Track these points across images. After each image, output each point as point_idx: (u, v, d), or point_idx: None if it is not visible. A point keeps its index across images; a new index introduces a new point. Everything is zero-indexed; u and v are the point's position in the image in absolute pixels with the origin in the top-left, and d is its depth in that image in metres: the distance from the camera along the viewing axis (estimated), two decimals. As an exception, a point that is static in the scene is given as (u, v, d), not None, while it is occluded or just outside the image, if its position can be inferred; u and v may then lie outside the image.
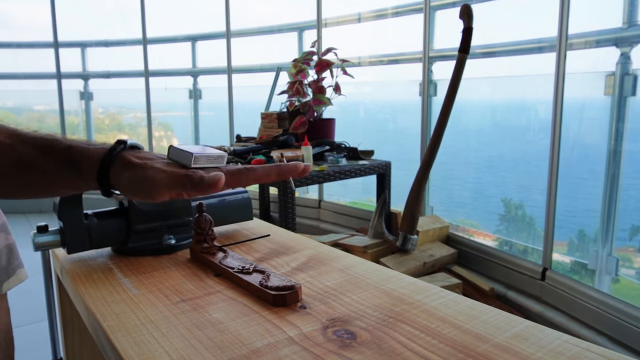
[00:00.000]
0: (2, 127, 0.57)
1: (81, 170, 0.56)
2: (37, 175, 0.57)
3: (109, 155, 0.55)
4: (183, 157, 0.55)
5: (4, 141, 0.56)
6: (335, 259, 0.80)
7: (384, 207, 2.49)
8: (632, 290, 2.03)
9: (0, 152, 0.56)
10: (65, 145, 0.57)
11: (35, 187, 0.59)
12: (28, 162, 0.56)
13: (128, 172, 0.54)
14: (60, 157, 0.56)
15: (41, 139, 0.57)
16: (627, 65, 1.96)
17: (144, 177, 0.53)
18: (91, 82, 4.69)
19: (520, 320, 0.59)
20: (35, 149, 0.56)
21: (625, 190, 2.00)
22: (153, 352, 0.54)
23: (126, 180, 0.55)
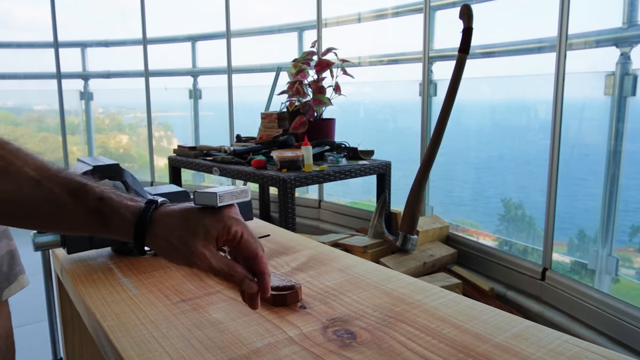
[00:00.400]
0: (29, 159, 0.56)
1: (110, 224, 0.57)
2: (62, 215, 0.57)
3: (143, 218, 0.56)
4: (208, 200, 0.57)
5: (28, 173, 0.55)
6: (335, 259, 0.80)
7: (384, 207, 2.49)
8: (632, 290, 2.03)
9: (26, 185, 0.55)
10: (97, 195, 0.57)
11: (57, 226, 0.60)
12: (54, 201, 0.56)
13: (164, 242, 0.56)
14: (90, 205, 0.56)
15: (72, 182, 0.57)
16: (627, 65, 1.96)
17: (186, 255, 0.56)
18: (91, 82, 4.69)
19: (520, 320, 0.59)
20: (64, 191, 0.56)
21: (625, 190, 2.00)
22: (153, 352, 0.54)
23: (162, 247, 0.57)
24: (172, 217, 0.57)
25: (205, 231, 0.56)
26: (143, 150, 4.71)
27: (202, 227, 0.56)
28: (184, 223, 0.57)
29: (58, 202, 0.56)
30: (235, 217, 0.58)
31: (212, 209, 0.57)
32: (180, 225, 0.56)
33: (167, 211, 0.58)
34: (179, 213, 0.58)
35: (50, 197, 0.55)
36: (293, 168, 2.25)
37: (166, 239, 0.56)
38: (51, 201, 0.55)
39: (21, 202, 0.55)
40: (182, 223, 0.57)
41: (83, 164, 0.80)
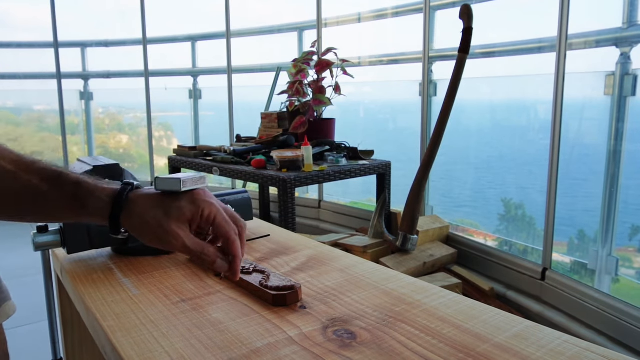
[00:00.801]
0: (5, 153, 0.57)
1: (87, 207, 0.59)
2: (42, 203, 0.59)
3: (119, 198, 0.59)
4: (172, 185, 0.60)
5: (6, 167, 0.57)
6: (335, 259, 0.80)
7: (384, 207, 2.49)
8: (632, 290, 2.03)
9: (2, 178, 0.56)
10: (73, 180, 0.59)
11: (38, 215, 0.61)
12: (32, 191, 0.58)
13: (138, 220, 0.59)
14: (67, 191, 0.58)
15: (49, 171, 0.59)
16: (627, 65, 1.96)
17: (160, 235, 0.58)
18: (91, 82, 4.69)
19: (520, 320, 0.59)
20: (42, 180, 0.58)
21: (625, 190, 2.00)
22: (153, 352, 0.54)
23: (137, 227, 0.59)
24: (148, 198, 0.60)
25: (179, 212, 0.58)
26: (143, 150, 4.71)
27: (176, 208, 0.58)
28: (158, 204, 0.59)
29: (37, 191, 0.57)
30: (209, 201, 0.60)
31: (182, 192, 0.60)
32: (155, 205, 0.59)
33: (143, 193, 0.61)
34: (154, 195, 0.60)
35: (28, 188, 0.57)
36: (293, 168, 2.25)
37: (141, 218, 0.58)
38: (30, 191, 0.57)
39: (1, 195, 0.57)
40: (157, 204, 0.59)
41: (83, 164, 0.80)
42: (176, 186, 0.59)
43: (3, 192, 0.57)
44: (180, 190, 0.59)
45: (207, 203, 0.60)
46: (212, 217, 0.60)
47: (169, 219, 0.58)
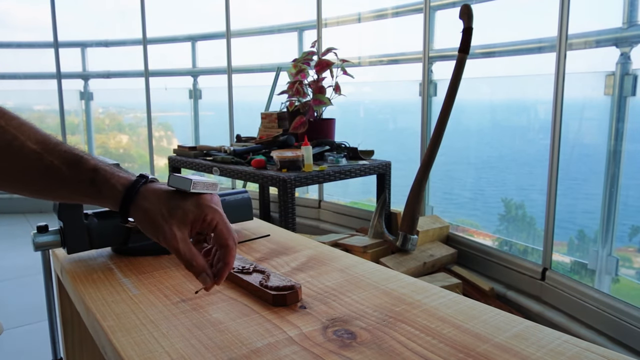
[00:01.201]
0: (31, 132, 0.60)
1: (102, 193, 0.62)
2: (61, 185, 0.62)
3: (132, 190, 0.62)
4: (182, 184, 0.61)
5: (32, 147, 0.59)
6: (335, 259, 0.80)
7: (384, 207, 2.49)
8: (632, 290, 2.03)
9: (28, 158, 0.59)
10: (92, 166, 0.62)
11: (56, 195, 0.65)
12: (54, 172, 0.61)
13: (142, 212, 0.61)
14: (85, 176, 0.61)
15: (70, 154, 0.62)
16: (627, 65, 1.96)
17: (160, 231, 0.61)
18: (91, 82, 4.69)
19: (520, 320, 0.59)
20: (63, 163, 0.61)
21: (625, 190, 2.00)
22: (153, 352, 0.54)
23: (142, 219, 0.62)
24: (157, 194, 0.62)
25: (183, 213, 0.61)
26: (143, 150, 4.71)
27: (181, 209, 0.61)
28: (165, 201, 0.61)
29: (58, 173, 0.60)
30: (213, 207, 0.62)
31: (191, 194, 0.62)
32: (162, 202, 0.61)
33: (154, 188, 0.63)
34: (164, 192, 0.62)
35: (50, 169, 0.60)
36: (293, 168, 2.25)
37: (147, 212, 0.61)
38: (52, 173, 0.60)
39: (24, 174, 0.61)
40: (164, 201, 0.61)
41: (83, 164, 0.80)
42: (186, 186, 0.61)
43: (27, 172, 0.60)
44: (189, 190, 0.61)
45: (211, 209, 0.62)
46: (214, 223, 0.62)
47: (171, 218, 0.60)
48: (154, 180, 0.65)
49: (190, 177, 0.61)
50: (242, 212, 0.96)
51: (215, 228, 0.62)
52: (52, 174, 0.60)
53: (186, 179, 0.61)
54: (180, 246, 0.60)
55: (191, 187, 0.61)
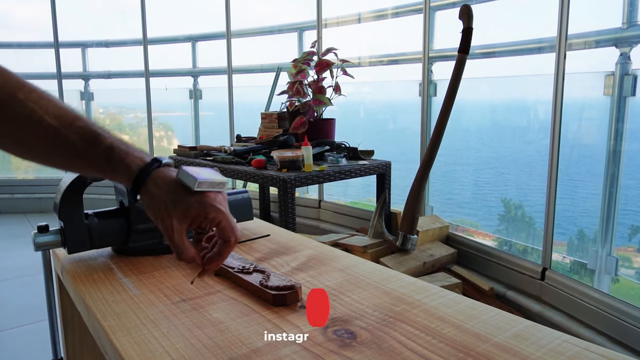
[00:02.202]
0: (50, 106, 0.61)
1: (116, 171, 0.64)
2: (77, 160, 0.63)
3: (144, 172, 0.63)
4: (188, 181, 0.63)
5: (49, 122, 0.60)
6: (335, 259, 0.81)
7: (384, 207, 2.49)
8: (632, 290, 2.03)
9: (45, 133, 0.60)
10: (108, 144, 0.63)
11: (71, 168, 0.68)
12: (70, 147, 0.62)
13: (149, 196, 0.63)
14: (101, 153, 0.63)
15: (87, 130, 0.63)
16: (627, 65, 1.96)
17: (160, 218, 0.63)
18: (92, 83, 4.69)
19: (520, 320, 0.59)
20: (80, 139, 0.62)
21: (625, 190, 2.00)
22: (153, 351, 0.54)
23: (147, 202, 0.64)
24: (166, 181, 0.64)
25: (185, 208, 0.62)
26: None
27: (184, 203, 0.62)
28: (172, 192, 0.63)
29: (74, 149, 0.62)
30: (216, 206, 0.63)
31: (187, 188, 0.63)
32: (169, 192, 0.63)
33: (165, 174, 0.64)
34: (173, 181, 0.64)
35: (67, 144, 0.62)
36: (293, 168, 2.25)
37: (153, 198, 0.63)
38: (68, 148, 0.62)
39: (40, 147, 0.62)
40: (171, 191, 0.63)
41: (83, 164, 0.80)
42: (191, 184, 0.62)
43: (43, 145, 0.62)
44: (193, 189, 0.62)
45: (213, 208, 0.63)
46: (216, 222, 0.63)
47: (173, 210, 0.62)
48: (168, 164, 0.67)
49: (197, 176, 0.63)
50: (242, 212, 0.96)
51: (218, 225, 0.63)
52: (68, 148, 0.62)
53: (192, 177, 0.62)
54: (175, 237, 0.62)
55: (195, 186, 0.62)
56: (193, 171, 0.63)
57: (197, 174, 0.63)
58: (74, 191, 0.77)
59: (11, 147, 0.63)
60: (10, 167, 4.82)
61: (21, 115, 0.59)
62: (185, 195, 0.63)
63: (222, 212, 0.64)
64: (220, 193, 0.66)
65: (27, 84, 0.61)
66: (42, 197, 4.42)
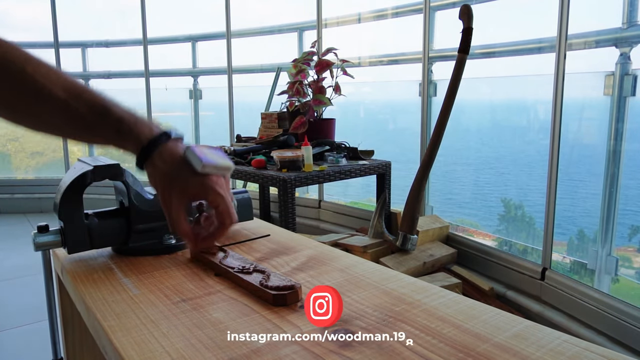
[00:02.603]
0: (59, 80, 0.62)
1: (124, 142, 0.65)
2: (86, 131, 0.65)
3: (152, 145, 0.64)
4: (194, 161, 0.64)
5: (58, 94, 0.61)
6: (335, 258, 0.81)
7: (384, 207, 2.49)
8: (632, 290, 2.03)
9: (56, 106, 0.61)
10: (117, 116, 0.64)
11: (81, 139, 0.69)
12: (79, 119, 0.63)
13: (153, 168, 0.65)
14: (111, 125, 0.64)
15: (97, 103, 0.63)
16: (627, 65, 1.96)
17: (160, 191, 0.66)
18: (92, 83, 4.69)
19: (520, 320, 0.59)
20: (89, 111, 0.63)
21: (625, 190, 2.00)
22: (153, 351, 0.54)
23: (151, 174, 0.66)
24: (173, 157, 0.65)
25: (186, 186, 0.64)
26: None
27: (185, 181, 0.64)
28: (177, 168, 0.65)
29: (83, 121, 0.63)
30: (217, 190, 0.65)
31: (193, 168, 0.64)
32: (173, 167, 0.65)
33: (173, 150, 0.65)
34: (179, 157, 0.65)
35: (76, 116, 0.62)
36: (293, 168, 2.25)
37: (157, 170, 0.65)
38: (77, 120, 0.63)
39: (50, 120, 0.63)
40: (175, 167, 0.65)
41: (83, 164, 0.80)
42: (196, 165, 0.63)
43: (54, 119, 0.63)
44: (198, 170, 0.63)
45: (213, 191, 0.65)
46: (214, 205, 0.65)
47: (175, 186, 0.64)
48: (178, 138, 0.67)
49: (203, 158, 0.63)
50: (243, 212, 0.96)
51: (217, 208, 0.65)
52: (78, 120, 0.63)
53: (198, 158, 0.63)
54: (173, 211, 0.65)
55: (200, 168, 0.63)
56: (200, 152, 0.64)
57: (203, 155, 0.64)
58: (74, 191, 0.77)
59: (22, 119, 0.64)
60: (10, 167, 4.82)
61: (32, 90, 0.60)
62: (189, 174, 0.64)
63: (221, 196, 0.65)
64: (223, 177, 0.67)
65: (32, 56, 0.61)
66: (42, 197, 4.42)
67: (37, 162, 4.86)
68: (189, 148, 0.65)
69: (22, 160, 4.86)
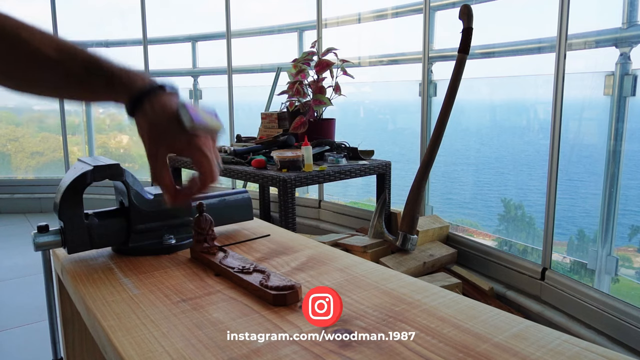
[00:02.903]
0: (52, 41, 0.63)
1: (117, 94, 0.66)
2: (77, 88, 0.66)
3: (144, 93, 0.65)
4: (185, 118, 0.64)
5: (53, 56, 0.62)
6: (335, 258, 0.81)
7: (384, 207, 2.49)
8: (632, 290, 2.03)
9: (50, 67, 0.62)
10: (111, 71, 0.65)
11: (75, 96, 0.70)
12: (73, 77, 0.64)
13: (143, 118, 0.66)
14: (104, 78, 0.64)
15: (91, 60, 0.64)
16: (627, 65, 1.96)
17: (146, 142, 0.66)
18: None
19: (520, 320, 0.59)
20: (83, 67, 0.64)
21: (625, 190, 2.00)
22: (153, 351, 0.54)
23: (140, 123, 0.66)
24: (164, 109, 0.65)
25: (173, 142, 0.65)
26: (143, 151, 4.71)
27: (174, 136, 0.65)
28: (167, 121, 0.65)
29: (78, 78, 0.64)
30: (204, 150, 0.66)
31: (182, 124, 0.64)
32: (164, 119, 0.65)
33: (165, 102, 0.65)
34: (171, 111, 0.65)
35: (71, 75, 0.64)
36: (293, 168, 2.25)
37: (146, 120, 0.65)
38: (72, 78, 0.64)
39: (47, 83, 0.64)
40: (166, 119, 0.65)
41: (83, 164, 0.80)
42: (187, 123, 0.64)
43: (49, 81, 0.64)
44: (187, 128, 0.64)
45: (200, 151, 0.66)
46: (199, 164, 0.67)
47: (162, 139, 0.65)
48: (173, 92, 0.67)
49: (194, 117, 0.64)
50: (242, 212, 0.96)
51: (200, 167, 0.67)
52: (72, 79, 0.64)
53: (190, 117, 0.64)
54: (157, 163, 0.66)
55: (190, 127, 0.64)
56: (193, 111, 0.65)
57: (195, 114, 0.64)
58: (74, 191, 0.77)
59: (20, 85, 0.65)
60: (10, 167, 4.82)
61: (28, 55, 0.61)
62: (177, 130, 0.64)
63: (206, 156, 0.66)
64: (211, 138, 0.68)
65: (26, 23, 0.63)
66: (42, 197, 4.42)
67: (37, 162, 4.86)
68: (183, 105, 0.65)
69: (22, 160, 4.86)
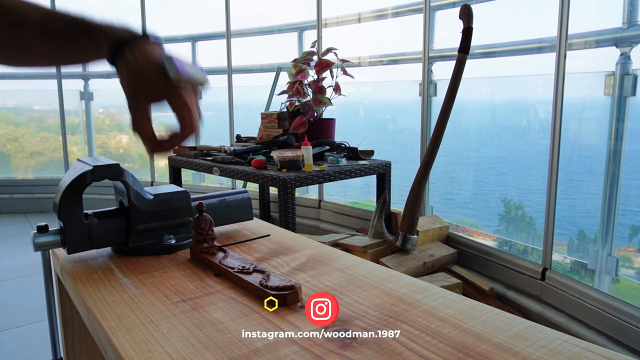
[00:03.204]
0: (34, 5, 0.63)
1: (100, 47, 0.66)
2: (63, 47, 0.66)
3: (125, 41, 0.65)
4: (170, 69, 0.63)
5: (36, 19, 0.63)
6: (335, 259, 0.80)
7: (384, 207, 2.49)
8: (632, 290, 2.03)
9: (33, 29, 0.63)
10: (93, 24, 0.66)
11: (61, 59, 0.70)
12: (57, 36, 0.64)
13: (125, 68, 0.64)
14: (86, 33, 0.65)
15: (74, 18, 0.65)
16: (627, 65, 1.96)
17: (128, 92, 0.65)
18: (91, 82, 4.69)
19: (520, 320, 0.59)
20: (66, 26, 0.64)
21: (625, 190, 2.00)
22: (153, 352, 0.54)
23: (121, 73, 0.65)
24: (148, 59, 0.64)
25: (157, 94, 0.64)
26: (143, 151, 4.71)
27: (157, 88, 0.64)
28: (150, 71, 0.63)
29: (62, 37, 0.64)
30: (186, 102, 0.65)
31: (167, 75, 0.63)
32: (147, 69, 0.63)
33: (149, 52, 0.64)
34: (154, 61, 0.64)
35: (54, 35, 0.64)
36: (293, 168, 2.25)
37: (129, 68, 0.64)
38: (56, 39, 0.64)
39: (33, 48, 0.65)
40: (149, 69, 0.63)
41: (83, 164, 0.80)
42: (172, 73, 0.63)
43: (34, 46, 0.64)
44: (171, 78, 0.63)
45: (182, 102, 0.65)
46: (180, 115, 0.65)
47: (145, 88, 0.64)
48: (157, 42, 0.67)
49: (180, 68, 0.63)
50: (242, 212, 0.96)
51: (181, 119, 0.66)
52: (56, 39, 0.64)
53: (175, 68, 0.62)
54: (138, 112, 0.65)
55: (175, 77, 0.63)
56: (178, 62, 0.64)
57: (180, 66, 0.63)
58: (74, 191, 0.77)
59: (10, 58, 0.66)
60: (10, 167, 4.82)
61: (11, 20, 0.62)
62: (161, 80, 0.63)
63: (188, 108, 0.65)
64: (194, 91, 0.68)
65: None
66: (42, 197, 4.42)
67: (36, 162, 4.86)
68: (168, 56, 0.64)
69: (22, 160, 4.86)
